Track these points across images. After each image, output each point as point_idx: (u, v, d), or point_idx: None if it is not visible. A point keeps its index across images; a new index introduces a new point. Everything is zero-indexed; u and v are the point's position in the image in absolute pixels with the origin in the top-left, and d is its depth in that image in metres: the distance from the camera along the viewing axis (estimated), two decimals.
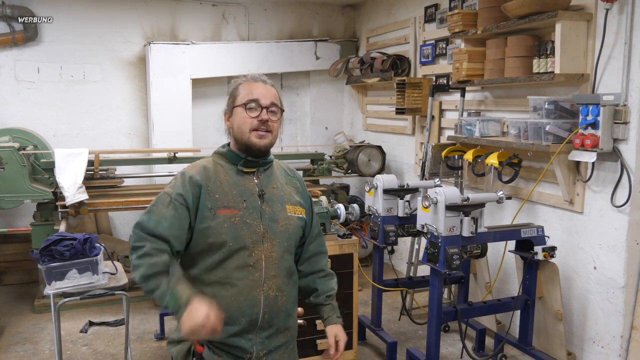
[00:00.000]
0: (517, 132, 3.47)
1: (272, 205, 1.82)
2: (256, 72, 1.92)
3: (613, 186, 3.09)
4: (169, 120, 5.37)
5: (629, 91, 2.97)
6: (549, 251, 3.22)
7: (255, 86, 1.81)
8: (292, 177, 1.97)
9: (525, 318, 3.41)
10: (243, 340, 1.75)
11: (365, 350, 3.84)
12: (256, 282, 1.75)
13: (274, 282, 1.78)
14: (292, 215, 1.86)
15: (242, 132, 1.78)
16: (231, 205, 1.75)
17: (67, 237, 2.97)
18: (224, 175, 1.80)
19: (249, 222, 1.76)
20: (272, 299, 1.78)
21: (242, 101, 1.79)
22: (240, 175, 1.82)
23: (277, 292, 1.79)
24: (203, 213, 1.72)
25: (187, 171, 1.80)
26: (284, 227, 1.82)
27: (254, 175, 1.83)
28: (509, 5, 3.37)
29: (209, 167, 1.81)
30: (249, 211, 1.77)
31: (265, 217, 1.79)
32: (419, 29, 4.99)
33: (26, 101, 5.32)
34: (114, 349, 3.81)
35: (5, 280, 5.14)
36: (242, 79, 1.87)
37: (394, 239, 3.63)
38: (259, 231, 1.77)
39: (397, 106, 4.83)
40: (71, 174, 4.28)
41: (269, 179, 1.85)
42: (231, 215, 1.74)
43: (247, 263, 1.74)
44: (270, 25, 6.09)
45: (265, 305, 1.76)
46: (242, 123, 1.78)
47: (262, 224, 1.78)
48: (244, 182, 1.81)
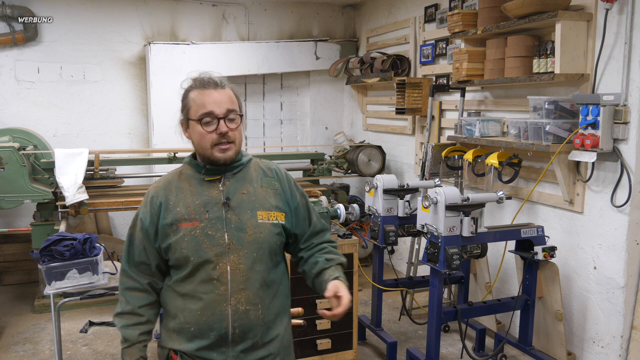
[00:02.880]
0: (517, 132, 3.47)
1: (240, 213, 1.71)
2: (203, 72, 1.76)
3: (613, 186, 3.09)
4: (169, 120, 5.28)
5: (629, 91, 2.97)
6: (549, 251, 3.22)
7: (207, 94, 1.69)
8: (271, 177, 1.82)
9: (525, 318, 3.41)
10: (215, 354, 1.70)
11: (365, 350, 3.84)
12: (222, 296, 1.67)
13: (242, 295, 1.68)
14: (264, 222, 1.73)
15: (203, 148, 1.71)
16: (192, 217, 1.70)
17: (67, 237, 2.97)
18: (188, 186, 1.75)
19: (211, 233, 1.68)
20: (243, 313, 1.69)
21: (195, 115, 1.69)
22: (203, 184, 1.75)
23: (247, 306, 1.69)
24: (164, 231, 1.71)
25: (151, 190, 1.80)
26: (253, 236, 1.71)
27: (220, 182, 1.75)
28: (509, 5, 3.37)
29: (173, 181, 1.78)
30: (211, 222, 1.69)
31: (231, 227, 1.70)
32: (419, 29, 4.99)
33: (26, 101, 5.32)
34: (114, 349, 3.81)
35: (5, 280, 5.14)
36: (191, 83, 1.75)
37: (394, 239, 3.63)
38: (223, 242, 1.68)
39: (397, 106, 4.84)
40: (71, 174, 4.28)
41: (238, 184, 1.76)
42: (192, 228, 1.69)
43: (211, 276, 1.67)
44: (270, 25, 6.09)
45: (234, 319, 1.68)
46: (201, 139, 1.69)
47: (227, 234, 1.69)
48: (208, 191, 1.73)
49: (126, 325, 1.78)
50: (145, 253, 1.76)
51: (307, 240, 1.90)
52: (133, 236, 1.79)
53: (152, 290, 1.80)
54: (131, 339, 1.77)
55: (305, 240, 1.90)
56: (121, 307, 1.80)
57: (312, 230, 1.90)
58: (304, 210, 1.88)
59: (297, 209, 1.85)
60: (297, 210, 1.85)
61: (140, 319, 1.78)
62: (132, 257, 1.79)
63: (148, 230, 1.74)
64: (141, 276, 1.78)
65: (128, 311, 1.78)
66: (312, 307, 3.27)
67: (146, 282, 1.78)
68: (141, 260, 1.77)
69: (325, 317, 1.70)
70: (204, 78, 1.74)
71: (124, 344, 1.78)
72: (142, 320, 1.78)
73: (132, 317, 1.78)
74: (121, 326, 1.78)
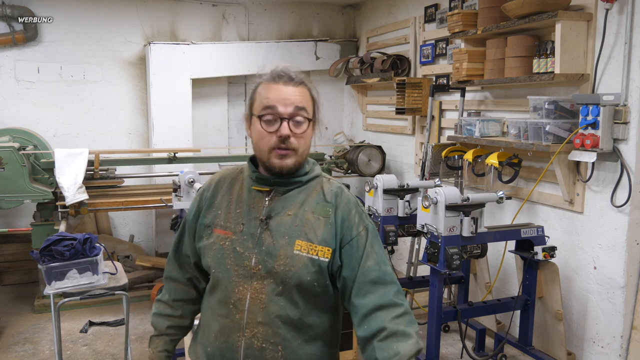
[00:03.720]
0: (517, 132, 3.47)
1: (276, 237, 1.46)
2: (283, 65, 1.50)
3: (613, 186, 3.09)
4: (169, 120, 5.37)
5: (629, 91, 2.97)
6: (549, 251, 3.22)
7: (275, 89, 1.45)
8: (328, 202, 1.50)
9: (525, 318, 3.41)
10: None
11: None
12: (236, 325, 1.46)
13: (259, 330, 1.44)
14: (301, 254, 1.44)
15: (260, 151, 1.48)
16: (228, 225, 1.50)
17: (67, 237, 2.97)
18: (239, 189, 1.54)
19: (240, 250, 1.47)
20: (258, 350, 1.44)
21: (258, 110, 1.46)
22: (252, 192, 1.52)
23: (264, 344, 1.44)
24: (200, 231, 1.56)
25: (208, 181, 1.65)
26: (283, 267, 1.43)
27: (268, 196, 1.50)
28: (509, 5, 3.37)
29: (228, 177, 1.59)
30: (243, 237, 1.47)
31: (262, 250, 1.45)
32: (419, 29, 4.99)
33: (26, 101, 5.32)
34: (114, 349, 3.81)
35: (5, 280, 5.14)
36: (263, 76, 1.50)
37: (394, 239, 3.63)
38: (248, 264, 1.45)
39: (397, 106, 4.83)
40: (71, 174, 4.28)
41: (287, 203, 1.49)
42: (224, 237, 1.49)
43: (228, 299, 1.47)
44: (270, 25, 6.09)
45: (246, 354, 1.45)
46: (259, 139, 1.47)
47: (254, 257, 1.45)
48: (253, 201, 1.51)
49: (158, 314, 1.71)
50: (189, 246, 1.64)
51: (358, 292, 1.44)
52: (185, 225, 1.64)
53: (193, 287, 1.67)
54: (159, 328, 1.70)
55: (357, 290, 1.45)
56: (161, 295, 1.72)
57: (364, 278, 1.44)
58: (360, 248, 1.47)
59: (350, 244, 1.47)
60: (350, 246, 1.47)
61: (173, 311, 1.69)
62: (180, 247, 1.67)
63: (190, 224, 1.61)
64: (183, 269, 1.67)
65: (165, 300, 1.70)
66: None
67: (187, 277, 1.67)
68: (186, 252, 1.65)
69: None
70: (277, 70, 1.49)
71: (153, 332, 1.72)
72: (175, 314, 1.69)
73: (167, 307, 1.70)
74: (154, 312, 1.72)
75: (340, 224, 1.48)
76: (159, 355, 1.68)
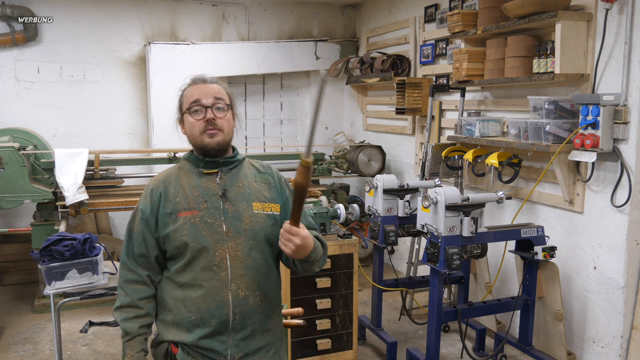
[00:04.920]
0: (517, 132, 3.47)
1: (236, 204, 1.81)
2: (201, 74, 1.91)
3: (613, 186, 3.09)
4: (169, 120, 5.32)
5: (629, 91, 2.97)
6: (549, 251, 3.22)
7: (196, 87, 1.83)
8: (264, 173, 1.93)
9: (525, 318, 3.41)
10: (216, 343, 1.75)
11: (365, 350, 3.84)
12: (222, 282, 1.75)
13: (242, 281, 1.77)
14: (259, 212, 1.83)
15: (194, 137, 1.82)
16: (192, 206, 1.79)
17: (67, 237, 2.97)
18: (187, 179, 1.84)
19: (210, 221, 1.77)
20: (242, 299, 1.76)
21: (186, 107, 1.83)
22: (201, 177, 1.84)
23: (247, 292, 1.77)
24: (164, 219, 1.79)
25: (150, 183, 1.88)
26: (249, 225, 1.80)
27: (217, 176, 1.84)
28: (509, 5, 3.37)
29: (172, 174, 1.88)
30: (209, 211, 1.78)
31: (229, 216, 1.79)
32: (419, 29, 4.99)
33: (26, 101, 5.32)
34: (114, 349, 3.81)
35: (5, 280, 5.14)
36: (185, 84, 1.89)
37: (394, 239, 3.63)
38: (221, 230, 1.77)
39: (397, 106, 4.83)
40: (71, 174, 4.28)
41: (234, 178, 1.85)
42: (191, 216, 1.77)
43: (211, 263, 1.75)
44: (270, 25, 6.09)
45: (234, 305, 1.75)
46: (192, 128, 1.81)
47: (224, 223, 1.78)
48: (205, 183, 1.83)
49: (126, 319, 1.81)
50: (144, 245, 1.82)
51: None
52: (132, 230, 1.85)
53: (151, 283, 1.85)
54: (132, 332, 1.81)
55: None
56: (120, 301, 1.84)
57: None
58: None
59: (286, 203, 1.92)
60: (286, 204, 1.92)
61: (139, 311, 1.82)
62: (132, 250, 1.84)
63: (148, 220, 1.81)
64: (140, 268, 1.83)
65: (127, 304, 1.82)
66: (312, 307, 3.27)
67: (145, 275, 1.83)
68: (140, 252, 1.83)
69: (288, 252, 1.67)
70: (196, 76, 1.88)
71: (125, 338, 1.81)
72: (142, 313, 1.82)
73: (132, 309, 1.82)
74: (121, 319, 1.82)
75: (279, 186, 1.92)
76: (137, 356, 1.81)
